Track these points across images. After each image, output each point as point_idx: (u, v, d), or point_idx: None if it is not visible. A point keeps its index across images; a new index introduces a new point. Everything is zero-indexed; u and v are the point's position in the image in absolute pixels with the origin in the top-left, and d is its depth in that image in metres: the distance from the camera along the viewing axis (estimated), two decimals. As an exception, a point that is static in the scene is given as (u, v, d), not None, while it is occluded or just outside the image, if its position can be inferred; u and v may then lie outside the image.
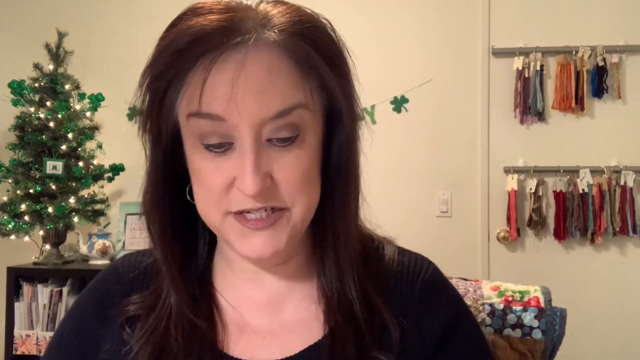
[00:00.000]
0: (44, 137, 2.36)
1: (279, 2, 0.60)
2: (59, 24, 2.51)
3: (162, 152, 0.62)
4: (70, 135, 2.39)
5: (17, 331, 2.34)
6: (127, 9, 2.77)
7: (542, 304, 0.92)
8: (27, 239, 2.43)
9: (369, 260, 0.68)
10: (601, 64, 2.52)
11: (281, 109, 0.55)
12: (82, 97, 2.49)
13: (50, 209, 2.32)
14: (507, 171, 2.58)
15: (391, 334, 0.62)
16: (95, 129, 2.51)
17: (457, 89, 2.64)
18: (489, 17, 2.62)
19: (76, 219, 2.43)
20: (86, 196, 2.48)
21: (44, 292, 2.35)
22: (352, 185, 0.63)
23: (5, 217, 2.35)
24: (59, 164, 2.35)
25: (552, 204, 2.56)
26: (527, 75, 2.55)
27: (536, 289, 0.94)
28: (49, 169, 2.33)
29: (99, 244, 2.44)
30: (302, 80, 0.57)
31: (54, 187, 2.36)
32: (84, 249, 2.47)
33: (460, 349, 0.66)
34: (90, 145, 2.49)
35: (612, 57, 2.53)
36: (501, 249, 2.62)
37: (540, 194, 2.55)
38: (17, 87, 2.38)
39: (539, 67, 2.55)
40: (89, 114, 2.50)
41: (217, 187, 0.57)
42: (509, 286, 0.96)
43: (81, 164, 2.41)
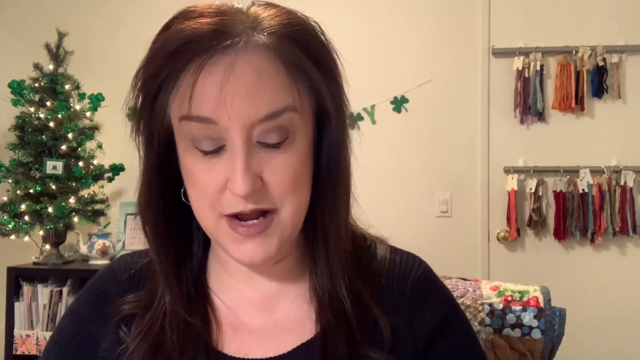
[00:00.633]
0: (44, 137, 2.36)
1: (270, 5, 0.60)
2: (59, 24, 2.51)
3: (156, 154, 0.63)
4: (70, 135, 2.39)
5: (17, 331, 2.34)
6: (127, 9, 2.77)
7: (542, 304, 0.92)
8: (27, 239, 2.43)
9: (361, 259, 0.69)
10: (601, 64, 2.52)
11: (270, 111, 0.56)
12: (82, 97, 2.49)
13: (50, 209, 2.32)
14: (507, 171, 2.58)
15: (382, 331, 0.63)
16: (95, 129, 2.51)
17: (457, 89, 2.64)
18: (489, 17, 2.62)
19: (76, 219, 2.43)
20: (86, 196, 2.48)
21: (44, 292, 2.35)
22: (341, 186, 0.64)
23: (5, 217, 2.35)
24: (59, 164, 2.35)
25: (552, 204, 2.56)
26: (527, 75, 2.55)
27: (535, 289, 0.95)
28: (49, 169, 2.33)
29: (99, 244, 2.44)
30: (291, 82, 0.57)
31: (54, 187, 2.36)
32: (84, 249, 2.47)
33: (450, 346, 0.67)
34: (90, 145, 2.49)
35: (612, 57, 2.53)
36: (501, 249, 2.61)
37: (540, 194, 2.55)
38: (17, 87, 2.38)
39: (539, 67, 2.55)
40: (89, 114, 2.50)
41: (210, 189, 0.58)
42: (509, 286, 0.96)
43: (81, 164, 2.41)
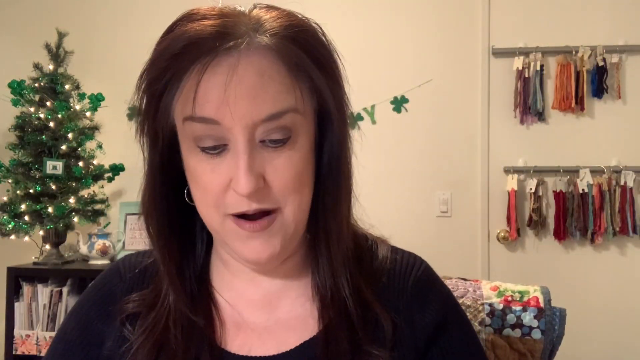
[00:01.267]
0: (44, 137, 2.36)
1: (271, 8, 0.61)
2: (59, 24, 2.51)
3: (160, 155, 0.63)
4: (70, 135, 2.39)
5: (17, 331, 2.34)
6: (127, 9, 2.77)
7: (542, 304, 0.92)
8: (27, 239, 2.43)
9: (363, 258, 0.70)
10: (601, 64, 2.52)
11: (273, 112, 0.57)
12: (82, 97, 2.50)
13: (50, 209, 2.32)
14: (507, 171, 2.58)
15: (384, 329, 0.64)
16: (95, 129, 2.51)
17: (457, 89, 2.64)
18: (489, 17, 2.62)
19: (76, 219, 2.43)
20: (86, 196, 2.48)
21: (44, 292, 2.35)
22: (343, 185, 0.65)
23: (5, 217, 2.35)
24: (59, 164, 2.35)
25: (552, 204, 2.56)
26: (527, 75, 2.55)
27: (536, 289, 0.95)
28: (49, 169, 2.33)
29: (99, 244, 2.44)
30: (293, 83, 0.58)
31: (54, 187, 2.36)
32: (84, 249, 2.47)
33: (450, 343, 0.67)
34: (90, 145, 2.50)
35: (612, 57, 2.53)
36: (501, 249, 2.62)
37: (540, 194, 2.55)
38: (17, 87, 2.38)
39: (539, 67, 2.55)
40: (89, 114, 2.50)
41: (214, 189, 0.59)
42: (509, 286, 0.96)
43: (81, 164, 2.41)
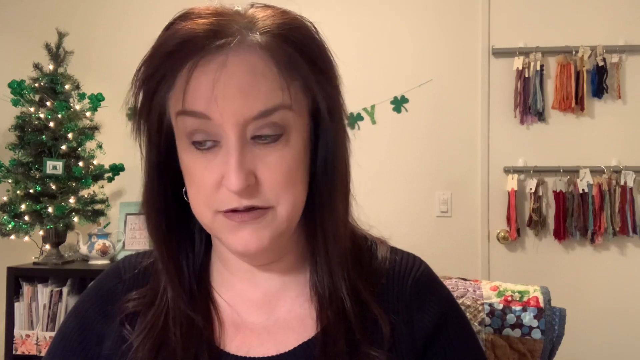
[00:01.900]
0: (44, 137, 2.36)
1: (267, 7, 0.62)
2: (59, 24, 2.51)
3: (157, 153, 0.64)
4: (70, 135, 2.39)
5: (17, 331, 2.34)
6: (127, 9, 2.77)
7: (542, 304, 0.92)
8: (27, 239, 2.43)
9: (362, 259, 0.70)
10: (601, 64, 2.52)
11: (263, 109, 0.57)
12: (82, 97, 2.49)
13: (50, 209, 2.32)
14: (507, 171, 2.58)
15: (382, 330, 0.64)
16: (95, 129, 2.51)
17: (457, 89, 2.64)
18: (489, 17, 2.62)
19: (76, 219, 2.43)
20: (86, 196, 2.48)
21: (44, 292, 2.35)
22: (339, 184, 0.64)
23: (5, 217, 2.35)
24: (59, 164, 2.35)
25: (552, 204, 2.56)
26: (527, 75, 2.55)
27: (535, 289, 0.95)
28: (49, 169, 2.33)
29: (99, 244, 2.44)
30: (285, 81, 0.58)
31: (54, 187, 2.36)
32: (84, 249, 2.47)
33: (449, 344, 0.67)
34: (90, 145, 2.50)
35: (612, 57, 2.53)
36: (501, 249, 2.61)
37: (540, 194, 2.55)
38: (17, 87, 2.38)
39: (539, 67, 2.54)
40: (89, 114, 2.50)
41: (207, 185, 0.59)
42: (509, 286, 0.96)
43: (81, 164, 2.41)
